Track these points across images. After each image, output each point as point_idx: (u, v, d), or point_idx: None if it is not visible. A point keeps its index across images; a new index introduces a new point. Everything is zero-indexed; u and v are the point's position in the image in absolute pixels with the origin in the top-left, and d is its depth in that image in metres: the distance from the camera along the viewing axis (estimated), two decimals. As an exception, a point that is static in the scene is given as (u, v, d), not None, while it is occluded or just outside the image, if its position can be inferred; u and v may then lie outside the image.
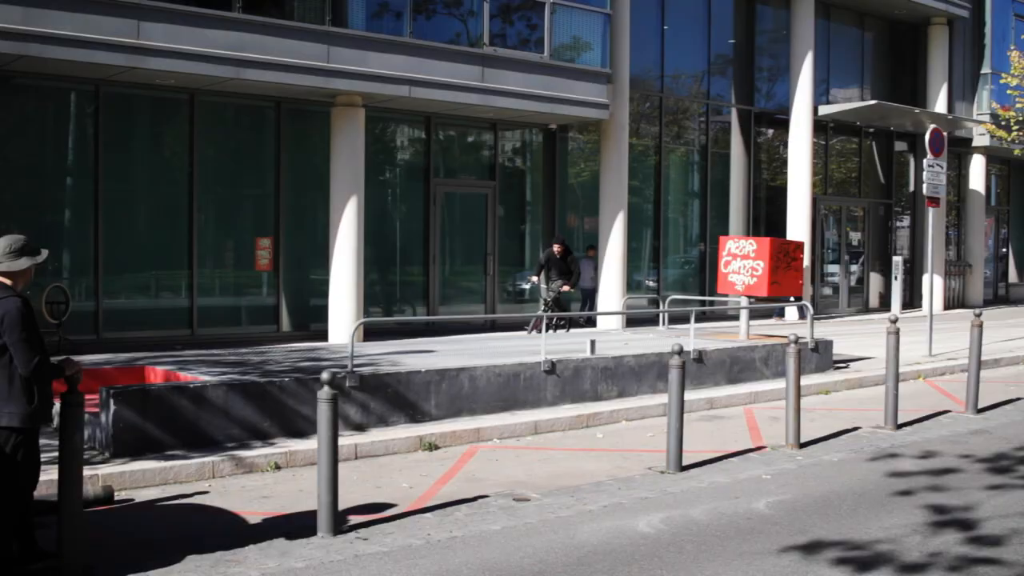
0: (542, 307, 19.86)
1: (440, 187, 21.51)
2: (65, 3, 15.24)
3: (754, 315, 21.81)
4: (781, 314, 25.95)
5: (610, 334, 19.15)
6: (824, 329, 21.95)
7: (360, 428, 11.94)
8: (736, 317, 19.74)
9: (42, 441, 7.34)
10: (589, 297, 23.21)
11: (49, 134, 17.46)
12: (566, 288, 19.80)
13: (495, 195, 22.38)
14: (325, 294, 18.93)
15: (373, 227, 19.86)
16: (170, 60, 16.19)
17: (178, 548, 7.68)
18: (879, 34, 31.22)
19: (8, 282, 6.98)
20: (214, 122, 18.86)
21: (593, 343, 14.75)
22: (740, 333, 17.93)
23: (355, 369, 12.16)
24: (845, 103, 28.84)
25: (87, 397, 7.54)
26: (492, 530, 8.32)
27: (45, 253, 7.19)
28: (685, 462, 10.71)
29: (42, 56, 15.26)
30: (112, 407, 10.24)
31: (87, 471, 8.84)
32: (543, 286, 20.26)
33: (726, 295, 19.45)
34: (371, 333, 18.93)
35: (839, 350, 18.54)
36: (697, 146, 26.81)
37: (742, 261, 17.61)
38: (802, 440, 11.95)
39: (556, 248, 19.92)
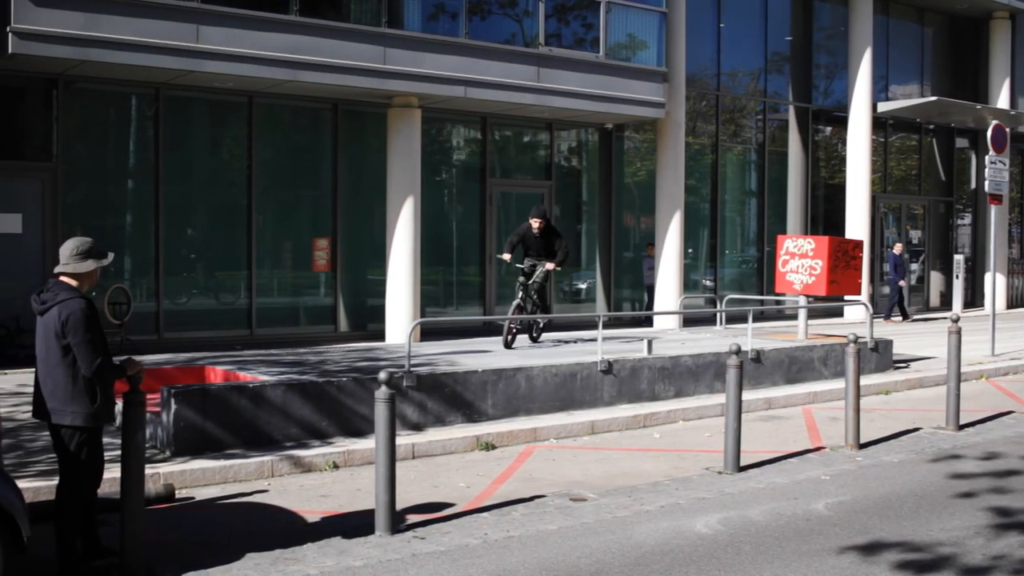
0: (518, 298, 15.53)
1: (496, 187, 21.54)
2: (125, 8, 15.46)
3: (813, 314, 21.63)
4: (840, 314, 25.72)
5: (667, 334, 19.07)
6: (884, 329, 21.71)
7: (417, 428, 11.98)
8: (794, 317, 19.58)
9: (105, 440, 7.44)
10: (649, 294, 23.15)
11: (111, 137, 17.72)
12: (550, 267, 15.51)
13: (551, 195, 22.36)
14: (382, 294, 19.02)
15: (430, 227, 19.93)
16: (228, 63, 16.36)
17: (237, 546, 7.75)
18: (939, 29, 30.80)
19: (74, 283, 7.09)
20: (272, 124, 19.02)
21: (650, 343, 14.70)
22: (798, 333, 17.78)
23: (412, 369, 12.20)
24: (905, 100, 28.50)
25: (148, 397, 7.64)
26: (549, 530, 8.31)
27: (111, 256, 7.29)
28: (743, 462, 10.63)
29: (103, 61, 15.48)
30: (173, 406, 10.36)
31: (148, 469, 8.95)
32: (523, 271, 15.69)
33: (784, 294, 19.29)
34: (428, 333, 18.99)
35: (899, 350, 18.32)
36: (754, 144, 26.62)
37: (800, 260, 17.46)
38: (862, 441, 11.82)
39: (535, 224, 15.34)
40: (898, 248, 26.91)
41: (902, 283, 26.50)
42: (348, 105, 19.35)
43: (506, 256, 15.69)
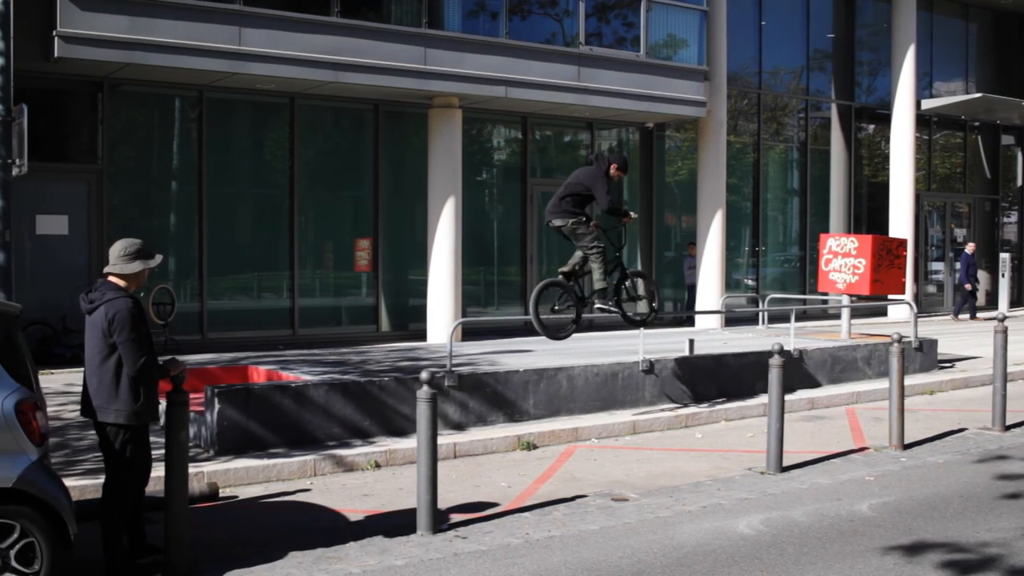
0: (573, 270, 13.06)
1: (537, 187, 21.53)
2: (169, 11, 15.60)
3: (856, 314, 21.47)
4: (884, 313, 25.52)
5: (709, 333, 19.00)
6: (928, 328, 21.51)
7: (459, 427, 12.00)
8: (837, 316, 19.45)
9: (151, 439, 7.51)
10: (690, 293, 23.07)
11: (155, 139, 17.88)
12: (629, 218, 13.04)
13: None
14: (424, 294, 19.07)
15: (470, 227, 19.96)
16: (270, 65, 16.48)
17: (280, 544, 7.80)
18: (984, 25, 30.47)
19: (121, 283, 7.18)
20: (313, 125, 19.12)
21: (692, 342, 14.65)
22: (842, 332, 17.66)
23: (454, 369, 12.22)
24: (949, 97, 28.22)
25: (192, 396, 7.70)
26: (590, 530, 8.30)
27: (158, 258, 7.35)
28: (786, 463, 10.57)
29: (147, 63, 15.64)
30: (217, 406, 10.44)
31: (192, 469, 9.03)
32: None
33: (827, 294, 19.16)
34: (469, 332, 19.02)
35: (944, 349, 18.15)
36: (796, 143, 26.46)
37: (843, 259, 17.34)
38: (906, 441, 11.72)
39: (613, 168, 12.33)
40: (970, 248, 26.68)
41: (967, 286, 26.28)
42: (389, 106, 19.42)
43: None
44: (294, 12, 16.79)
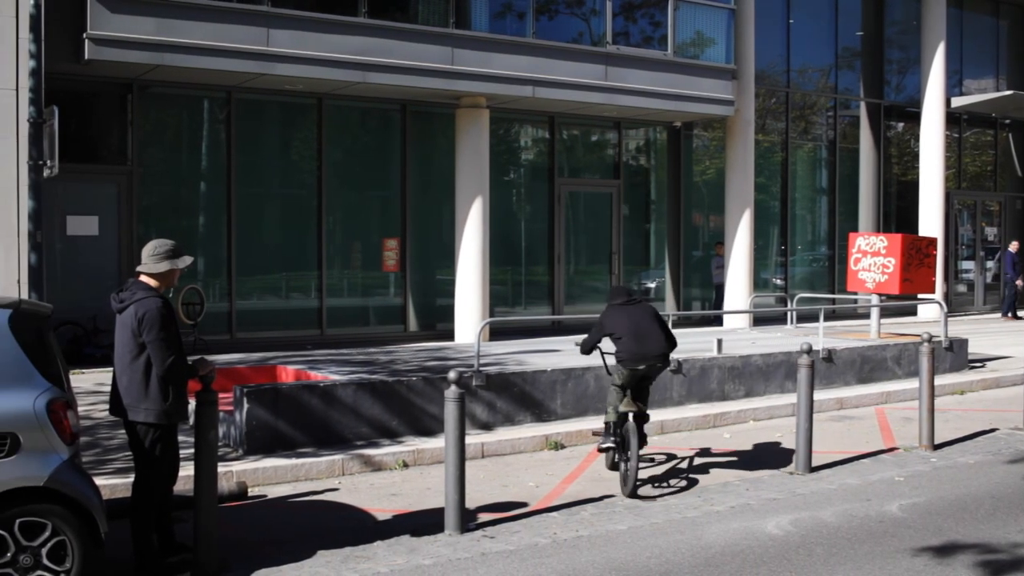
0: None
1: (564, 186, 21.52)
2: (197, 13, 15.68)
3: (885, 313, 21.35)
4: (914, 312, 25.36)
5: (737, 333, 18.94)
6: (958, 327, 21.35)
7: (486, 427, 12.02)
8: (866, 315, 19.35)
9: (180, 439, 7.55)
10: (718, 293, 23.00)
11: (184, 140, 17.98)
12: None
13: (619, 194, 22.30)
14: (451, 294, 19.09)
15: (498, 227, 19.97)
16: (298, 65, 16.53)
17: (309, 543, 7.83)
18: (1015, 22, 30.20)
19: (153, 283, 7.23)
20: (341, 125, 19.17)
21: (720, 342, 14.61)
22: (871, 332, 17.57)
23: (481, 368, 12.24)
24: (979, 94, 28.00)
25: (221, 396, 7.74)
26: (618, 530, 8.29)
27: (187, 259, 7.38)
28: (815, 463, 10.53)
29: (176, 65, 15.72)
30: (245, 405, 10.49)
31: (222, 468, 9.07)
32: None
33: (856, 293, 19.06)
34: (497, 332, 19.03)
35: (974, 349, 18.03)
36: (825, 141, 26.33)
37: (872, 258, 17.25)
38: (936, 441, 11.65)
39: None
40: (1013, 246, 26.50)
41: (1018, 282, 26.10)
42: (416, 106, 19.45)
43: None
44: (321, 13, 16.84)
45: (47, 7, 13.26)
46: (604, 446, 10.18)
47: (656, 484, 10.02)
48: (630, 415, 9.74)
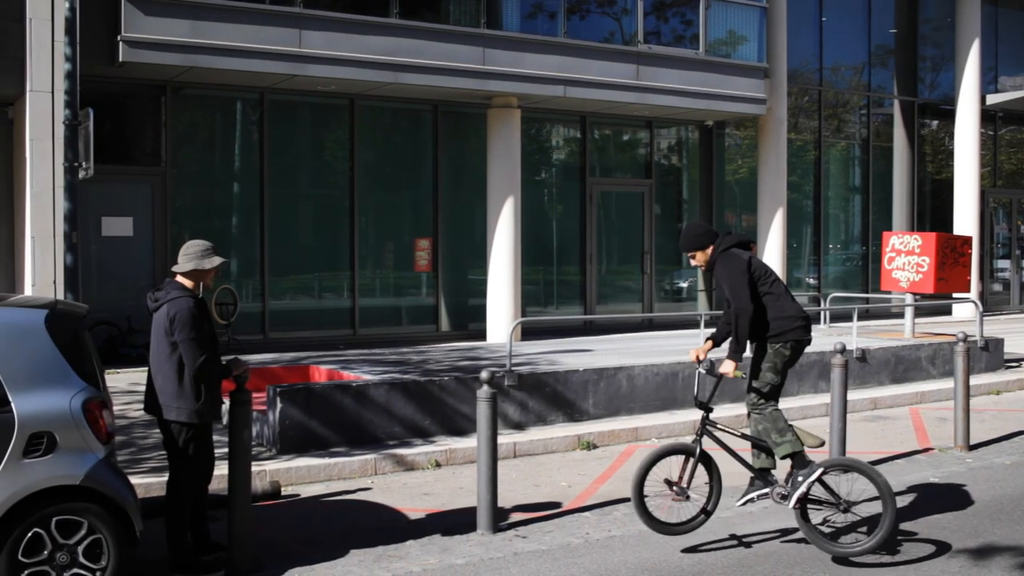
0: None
1: (596, 186, 21.50)
2: (230, 15, 15.77)
3: (920, 313, 21.21)
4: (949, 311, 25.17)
5: (769, 332, 18.84)
6: (994, 327, 21.17)
7: (519, 427, 12.02)
8: (901, 315, 19.23)
9: (214, 438, 7.59)
10: None
11: (217, 142, 18.08)
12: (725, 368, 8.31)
13: (651, 193, 22.25)
14: (483, 294, 19.11)
15: (530, 227, 19.97)
16: (330, 67, 16.60)
17: (342, 543, 7.86)
18: (1051, 18, 29.94)
19: (187, 283, 7.28)
20: (373, 126, 19.23)
21: (752, 342, 14.53)
22: (905, 331, 17.45)
23: (513, 368, 12.24)
24: (1015, 91, 27.72)
25: (255, 395, 7.78)
26: (651, 530, 8.27)
27: (216, 260, 7.38)
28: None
29: (210, 67, 15.82)
30: (279, 405, 10.54)
31: (255, 467, 9.12)
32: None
33: (890, 292, 18.94)
34: (529, 332, 19.03)
35: (1011, 348, 17.86)
36: (858, 139, 26.18)
37: (907, 257, 17.14)
38: (972, 442, 11.56)
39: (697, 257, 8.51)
40: None
41: None
42: (448, 106, 19.48)
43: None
44: (353, 14, 16.90)
45: (82, 10, 13.36)
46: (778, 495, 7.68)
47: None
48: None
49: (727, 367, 7.73)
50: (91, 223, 16.11)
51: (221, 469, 7.69)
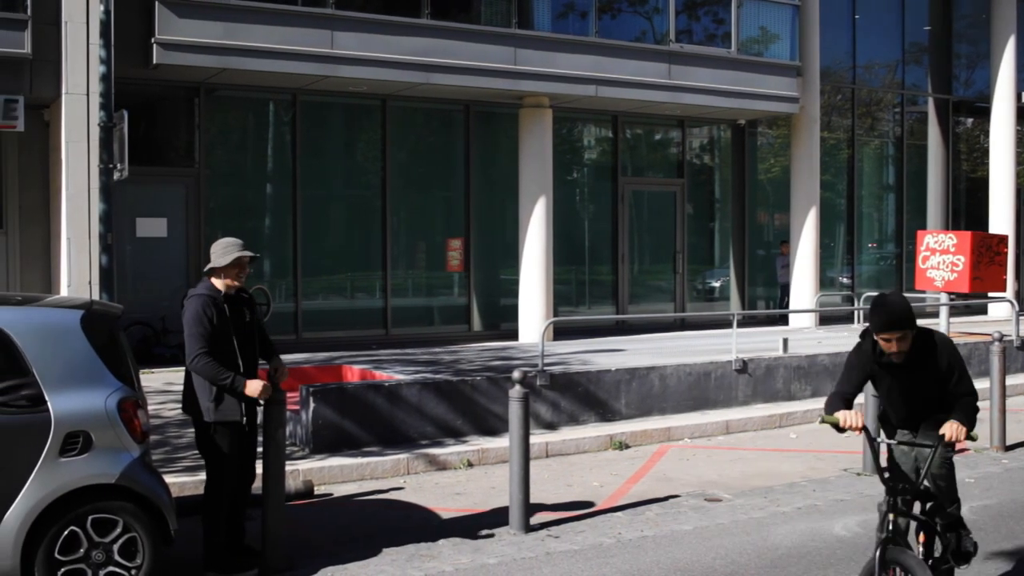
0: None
1: (628, 185, 21.45)
2: (263, 17, 15.85)
3: (955, 312, 21.04)
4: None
5: (802, 332, 18.78)
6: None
7: (551, 426, 12.02)
8: (935, 314, 19.08)
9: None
10: (783, 292, 22.79)
11: (250, 143, 18.17)
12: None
13: (683, 193, 22.19)
14: (515, 294, 19.11)
15: (561, 227, 19.95)
16: (362, 67, 16.65)
17: (374, 542, 7.88)
18: (1089, 15, 29.60)
19: (216, 282, 7.32)
20: (405, 126, 19.27)
21: (785, 341, 14.49)
22: (940, 331, 17.30)
23: (545, 368, 12.24)
24: (1052, 89, 27.48)
25: (288, 395, 7.81)
26: (683, 530, 8.26)
27: (230, 256, 7.30)
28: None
29: (243, 68, 15.90)
30: (312, 405, 10.58)
31: (288, 466, 9.15)
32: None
33: (924, 291, 18.80)
34: (560, 332, 19.01)
35: (1047, 348, 17.69)
36: (892, 138, 25.99)
37: (941, 256, 17.01)
38: (1008, 442, 11.46)
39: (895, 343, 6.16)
40: None
41: None
42: (480, 106, 19.49)
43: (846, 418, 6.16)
44: (385, 15, 16.94)
45: (116, 13, 13.47)
46: None
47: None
48: None
49: (959, 431, 5.85)
50: (125, 224, 16.22)
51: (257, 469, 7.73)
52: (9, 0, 14.42)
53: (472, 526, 8.38)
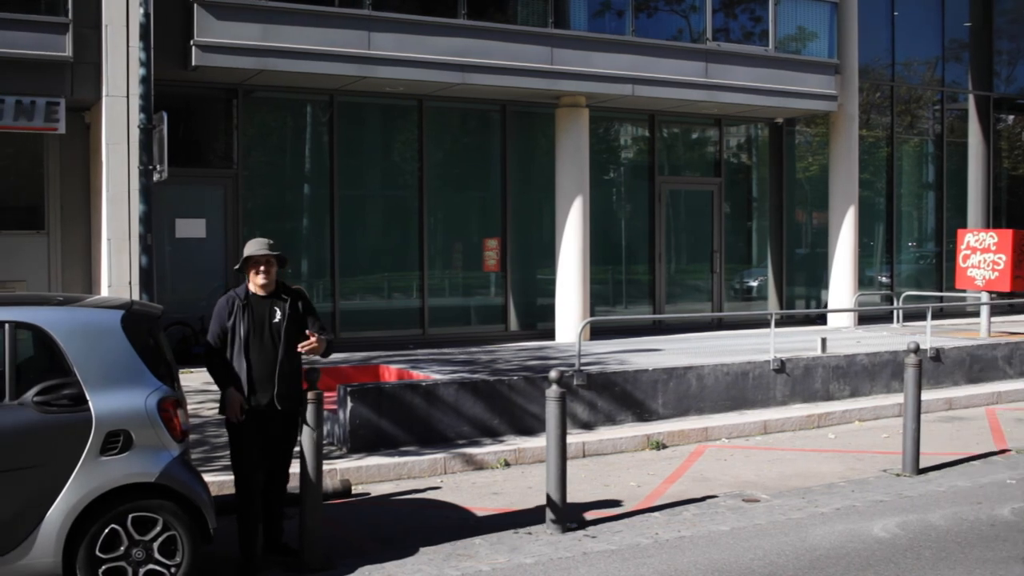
0: None
1: (665, 185, 21.40)
2: (300, 18, 15.93)
3: (996, 311, 20.85)
4: None
5: (841, 332, 18.66)
6: (1074, 325, 20.75)
7: (587, 426, 12.01)
8: (976, 314, 18.93)
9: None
10: None
11: (288, 144, 18.26)
12: None
13: (720, 191, 22.10)
14: (552, 293, 19.10)
15: (598, 226, 19.92)
16: (399, 68, 16.70)
17: (412, 541, 7.90)
18: None
19: (247, 280, 7.44)
20: (441, 126, 19.31)
21: (824, 341, 14.41)
22: (981, 330, 17.17)
23: (582, 368, 12.23)
24: (1095, 85, 27.17)
25: (326, 395, 7.85)
26: (721, 531, 8.23)
27: (245, 252, 7.49)
28: (922, 464, 10.33)
29: (280, 70, 15.99)
30: (349, 404, 10.63)
31: (326, 466, 9.21)
32: None
33: (964, 290, 18.64)
34: (597, 331, 18.99)
35: (1091, 347, 17.49)
36: (931, 135, 25.78)
37: (982, 255, 16.87)
38: (1050, 442, 11.35)
39: None
40: None
41: None
42: (516, 106, 19.50)
43: None
44: (421, 15, 16.98)
45: (155, 16, 13.58)
46: None
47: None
48: None
49: None
50: (165, 225, 16.35)
51: (293, 467, 7.77)
52: (51, 4, 14.58)
53: (509, 526, 8.38)
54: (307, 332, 7.45)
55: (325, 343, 7.52)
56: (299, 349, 7.41)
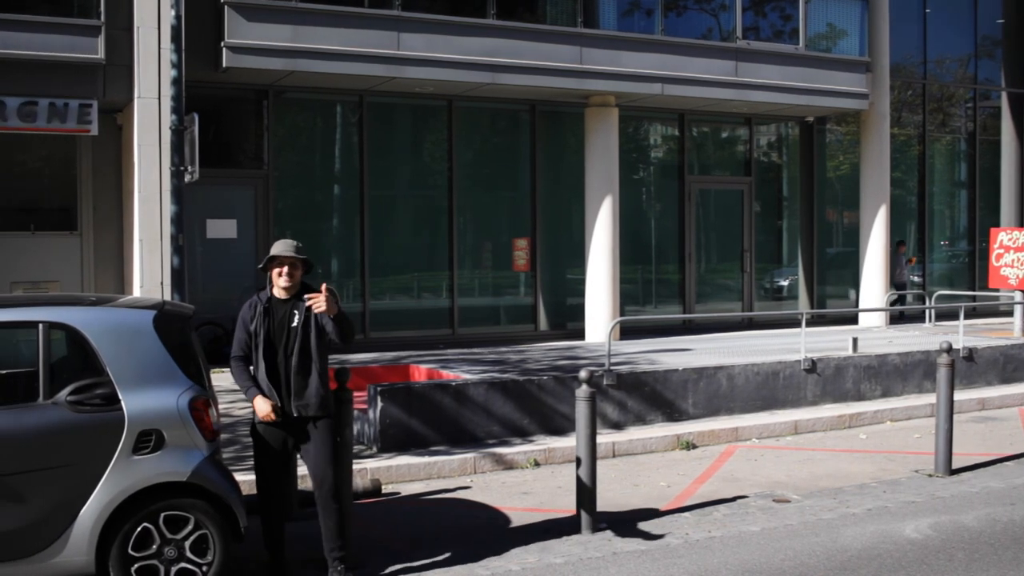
0: None
1: (695, 184, 21.34)
2: (330, 19, 15.99)
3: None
4: None
5: (872, 331, 18.55)
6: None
7: (617, 426, 12.00)
8: (1009, 313, 18.79)
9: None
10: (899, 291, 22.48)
11: (318, 144, 18.34)
12: None
13: (751, 191, 22.02)
14: (581, 293, 19.09)
15: (628, 226, 19.89)
16: (428, 68, 16.73)
17: (441, 540, 7.92)
18: None
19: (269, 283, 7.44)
20: (471, 126, 19.33)
21: (855, 340, 14.34)
22: (1015, 330, 17.05)
23: (612, 367, 12.22)
24: None
25: (356, 394, 7.87)
26: (751, 531, 8.20)
27: (267, 258, 7.40)
28: (955, 465, 10.26)
29: (310, 71, 16.05)
30: (379, 404, 10.66)
31: (356, 465, 9.23)
32: None
33: (998, 290, 18.50)
34: (627, 331, 18.97)
35: None
36: (964, 133, 25.58)
37: (1016, 253, 16.74)
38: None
39: None
40: None
41: None
42: (545, 106, 19.50)
43: None
44: (451, 16, 17.02)
45: (186, 18, 13.66)
46: None
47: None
48: None
49: None
50: (196, 226, 16.45)
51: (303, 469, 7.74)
52: (83, 7, 14.69)
53: (539, 525, 8.39)
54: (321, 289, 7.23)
55: (335, 301, 7.26)
56: (305, 302, 7.22)
